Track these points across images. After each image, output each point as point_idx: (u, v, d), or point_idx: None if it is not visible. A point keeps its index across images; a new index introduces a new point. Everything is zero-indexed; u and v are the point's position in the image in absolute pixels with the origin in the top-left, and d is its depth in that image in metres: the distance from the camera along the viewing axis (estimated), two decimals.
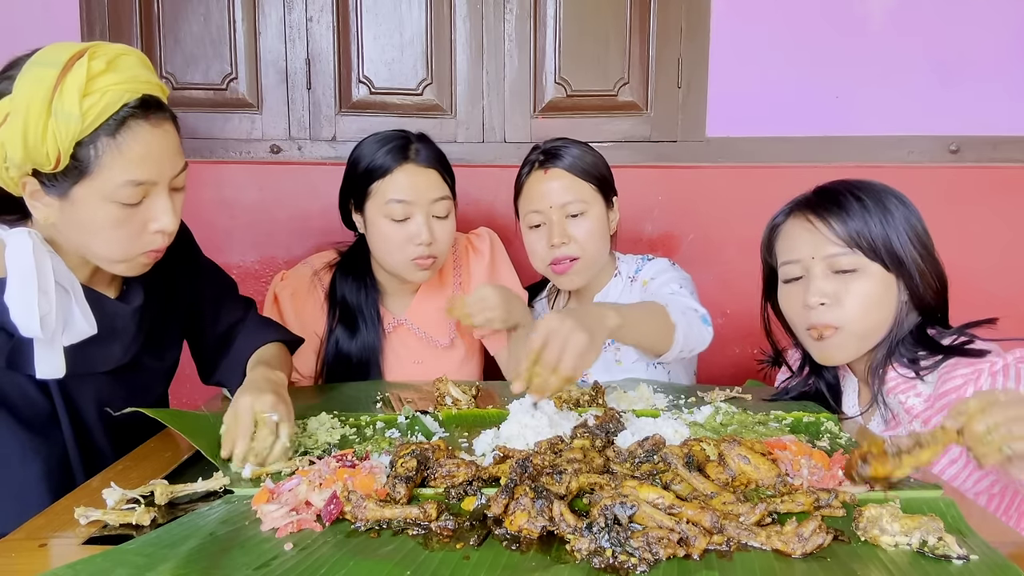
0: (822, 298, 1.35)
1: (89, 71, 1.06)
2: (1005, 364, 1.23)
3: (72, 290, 1.17)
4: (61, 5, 2.17)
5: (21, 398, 1.19)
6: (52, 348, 1.15)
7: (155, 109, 1.14)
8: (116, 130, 1.10)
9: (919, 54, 2.21)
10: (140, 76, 1.13)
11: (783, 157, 2.25)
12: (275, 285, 1.80)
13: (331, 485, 0.98)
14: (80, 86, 1.05)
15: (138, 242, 1.17)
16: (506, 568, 0.83)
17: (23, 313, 1.10)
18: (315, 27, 2.25)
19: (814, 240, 1.37)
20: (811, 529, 0.86)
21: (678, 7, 2.23)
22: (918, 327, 1.37)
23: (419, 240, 1.65)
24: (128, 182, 1.12)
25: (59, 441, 1.23)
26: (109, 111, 1.08)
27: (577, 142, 1.77)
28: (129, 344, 1.30)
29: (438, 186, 1.68)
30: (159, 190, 1.16)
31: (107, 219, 1.13)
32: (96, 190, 1.11)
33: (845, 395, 1.50)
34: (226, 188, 2.23)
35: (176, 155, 1.19)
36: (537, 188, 1.73)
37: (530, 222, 1.75)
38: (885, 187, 1.39)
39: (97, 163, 1.10)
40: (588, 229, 1.71)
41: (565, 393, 1.45)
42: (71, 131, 1.06)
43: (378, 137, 1.71)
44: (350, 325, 1.75)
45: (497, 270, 1.88)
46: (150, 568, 0.81)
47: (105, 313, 1.23)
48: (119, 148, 1.10)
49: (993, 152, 2.22)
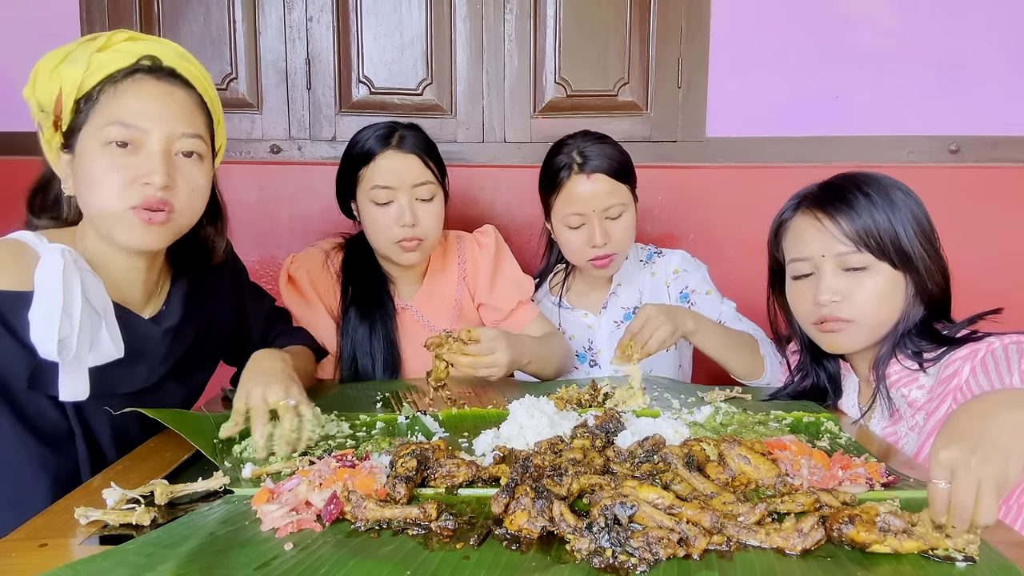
0: (834, 295, 1.36)
1: (111, 38, 1.19)
2: (1003, 345, 1.23)
3: (103, 312, 1.17)
4: (61, 5, 2.18)
5: (39, 415, 1.17)
6: (77, 369, 1.14)
7: (168, 75, 1.21)
8: (120, 81, 1.17)
9: (919, 54, 2.21)
10: (167, 51, 1.21)
11: (783, 157, 2.25)
12: (287, 267, 1.81)
13: (331, 485, 0.98)
14: (99, 44, 1.18)
15: (129, 193, 1.17)
16: (506, 568, 0.82)
17: (43, 334, 1.10)
18: (315, 27, 2.25)
19: (823, 239, 1.37)
20: (810, 524, 0.86)
21: (678, 7, 2.23)
22: (923, 320, 1.37)
23: (402, 222, 1.69)
24: (116, 122, 1.16)
25: (72, 459, 1.21)
26: (117, 64, 1.17)
27: (604, 138, 1.83)
28: (156, 366, 1.30)
29: (420, 171, 1.72)
30: (154, 143, 1.18)
31: (101, 165, 1.17)
32: (92, 136, 1.17)
33: (846, 394, 1.50)
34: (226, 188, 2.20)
35: (180, 117, 1.21)
36: (578, 191, 1.78)
37: (570, 223, 1.81)
38: (891, 180, 1.39)
39: (96, 107, 1.17)
40: (625, 227, 1.81)
41: (566, 393, 1.46)
42: (73, 76, 1.16)
43: (369, 128, 1.76)
44: (362, 306, 1.78)
45: (501, 262, 1.90)
46: (150, 568, 0.81)
47: (135, 334, 1.23)
48: (116, 93, 1.17)
49: (993, 152, 2.22)
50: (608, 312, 1.94)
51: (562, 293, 1.98)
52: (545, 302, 1.99)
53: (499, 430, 1.24)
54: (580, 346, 1.95)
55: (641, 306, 1.54)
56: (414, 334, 1.81)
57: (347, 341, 1.76)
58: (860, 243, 1.34)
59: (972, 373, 1.24)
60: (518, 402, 1.32)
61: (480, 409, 1.44)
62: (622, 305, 1.94)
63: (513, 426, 1.24)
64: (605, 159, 1.76)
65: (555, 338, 1.85)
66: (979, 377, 1.23)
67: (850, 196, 1.36)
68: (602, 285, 1.96)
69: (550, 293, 2.00)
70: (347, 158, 1.77)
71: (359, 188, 1.74)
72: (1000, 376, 1.18)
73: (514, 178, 2.25)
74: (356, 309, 1.77)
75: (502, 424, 1.26)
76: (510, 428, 1.24)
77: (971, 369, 1.25)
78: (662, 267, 1.95)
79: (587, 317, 1.95)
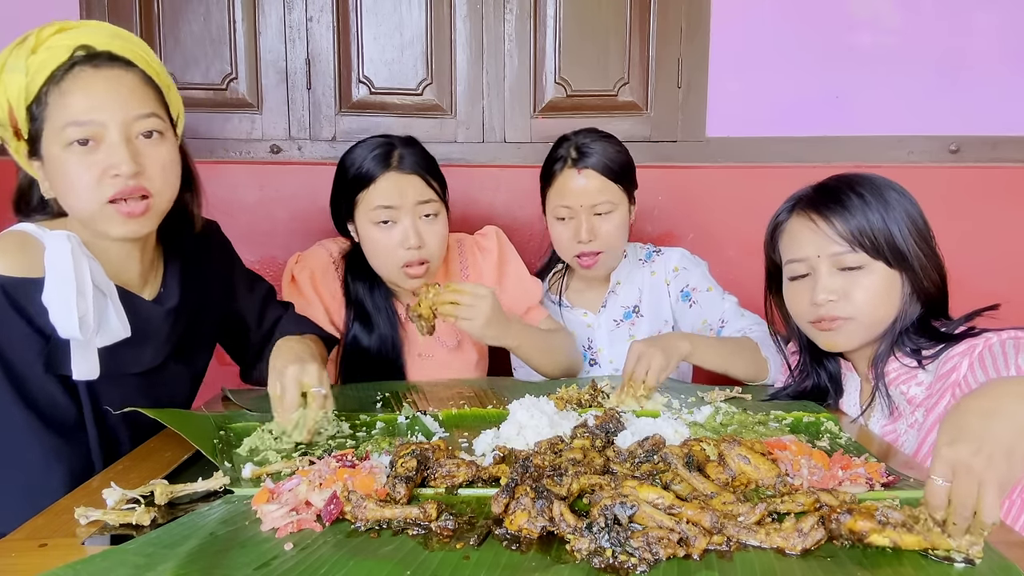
0: (830, 295, 1.36)
1: (39, 35, 1.16)
2: (1000, 341, 1.24)
3: (108, 292, 1.19)
4: (61, 5, 2.17)
5: (49, 402, 1.19)
6: (88, 349, 1.16)
7: (106, 60, 1.18)
8: (62, 78, 1.15)
9: (919, 54, 2.21)
10: (98, 35, 1.19)
11: (783, 157, 2.25)
12: (291, 267, 1.78)
13: (331, 485, 0.98)
14: (31, 46, 1.15)
15: (101, 189, 1.17)
16: (506, 568, 0.82)
17: (63, 315, 1.12)
18: (315, 27, 2.25)
19: (818, 239, 1.38)
20: (810, 524, 0.86)
21: (678, 7, 2.23)
22: (920, 317, 1.38)
23: (408, 244, 1.64)
24: (70, 123, 1.15)
25: (84, 445, 1.22)
26: (54, 62, 1.14)
27: (607, 136, 1.82)
28: (160, 346, 1.31)
29: (422, 190, 1.66)
30: (111, 134, 1.17)
31: (69, 169, 1.16)
32: (52, 141, 1.16)
33: (847, 393, 1.51)
34: (226, 188, 2.23)
35: (131, 99, 1.19)
36: (568, 185, 1.78)
37: (558, 215, 1.82)
38: (885, 180, 1.40)
39: (47, 112, 1.15)
40: (613, 226, 1.80)
41: (566, 393, 1.46)
42: (16, 83, 1.14)
43: (363, 145, 1.69)
44: (366, 322, 1.76)
45: (506, 266, 1.88)
46: (150, 568, 0.81)
47: (139, 316, 1.24)
48: (61, 93, 1.15)
49: (993, 152, 2.22)
50: (607, 311, 1.95)
51: (561, 291, 1.98)
52: (545, 300, 1.99)
53: (499, 430, 1.24)
54: (580, 345, 1.94)
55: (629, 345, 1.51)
56: (417, 346, 1.79)
57: (349, 351, 1.75)
58: (855, 243, 1.35)
59: (970, 368, 1.25)
60: (518, 402, 1.32)
61: (480, 409, 1.44)
62: (621, 304, 1.94)
63: (513, 426, 1.24)
64: (599, 156, 1.76)
65: (558, 334, 1.84)
66: (977, 372, 1.23)
67: (844, 197, 1.37)
68: (599, 284, 1.96)
69: (550, 291, 2.01)
70: (343, 180, 1.70)
71: (358, 210, 1.68)
72: (998, 371, 1.19)
73: (514, 178, 2.25)
74: (359, 319, 1.75)
75: (502, 424, 1.26)
76: (510, 428, 1.24)
77: (969, 364, 1.25)
78: (661, 265, 1.95)
79: (586, 316, 1.96)
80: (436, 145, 2.04)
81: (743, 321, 1.80)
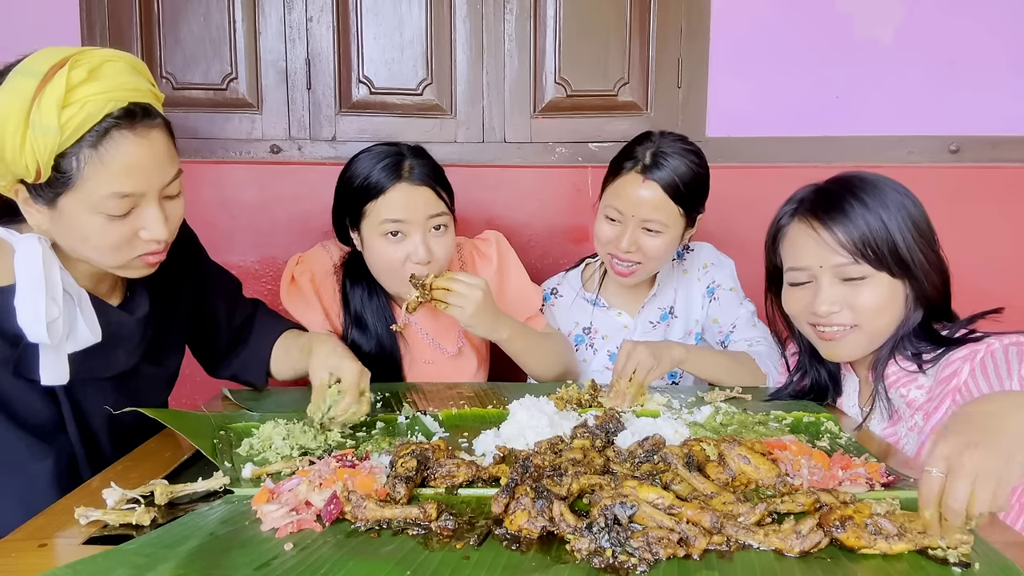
0: (832, 306, 1.35)
1: (69, 81, 1.04)
2: (1003, 347, 1.23)
3: (78, 298, 1.17)
4: (61, 5, 2.17)
5: (25, 405, 1.18)
6: (57, 355, 1.15)
7: (142, 117, 1.12)
8: (98, 142, 1.07)
9: (919, 54, 2.21)
10: (126, 83, 1.10)
11: (783, 157, 2.25)
12: (291, 267, 1.77)
13: (331, 485, 0.98)
14: (59, 98, 1.03)
15: (129, 250, 1.17)
16: (506, 568, 0.83)
17: (31, 318, 1.10)
18: (315, 27, 2.25)
19: (819, 250, 1.36)
20: (809, 526, 0.86)
21: (678, 7, 2.23)
22: (922, 321, 1.37)
23: (417, 259, 1.60)
24: (112, 195, 1.10)
25: (67, 446, 1.22)
26: (90, 122, 1.06)
27: (690, 151, 1.72)
28: (132, 351, 1.31)
29: (433, 203, 1.62)
30: (148, 200, 1.15)
31: (95, 229, 1.12)
32: (81, 201, 1.10)
33: (846, 394, 1.50)
34: (226, 188, 2.23)
35: (166, 164, 1.16)
36: (627, 190, 1.70)
37: (608, 214, 1.74)
38: (887, 182, 1.38)
39: (80, 175, 1.08)
40: (658, 246, 1.72)
41: (566, 393, 1.46)
42: (49, 144, 1.04)
43: (371, 154, 1.65)
44: (364, 329, 1.73)
45: (506, 274, 1.85)
46: (150, 568, 0.81)
47: (109, 321, 1.24)
48: (101, 160, 1.08)
49: (993, 152, 2.22)
50: (645, 312, 1.88)
51: (598, 287, 1.90)
52: (575, 297, 1.92)
53: (499, 430, 1.24)
54: (614, 346, 1.86)
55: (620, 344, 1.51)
56: (418, 352, 1.79)
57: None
58: (857, 254, 1.33)
59: (971, 374, 1.24)
60: (518, 402, 1.32)
61: (480, 409, 1.44)
62: (659, 306, 1.89)
63: (513, 426, 1.24)
64: (670, 172, 1.67)
65: (552, 337, 1.82)
66: (978, 378, 1.22)
67: (845, 204, 1.35)
68: (644, 284, 1.88)
69: (583, 288, 1.93)
70: (350, 189, 1.64)
71: (365, 222, 1.63)
72: (1000, 379, 1.18)
73: (514, 178, 2.25)
74: (356, 325, 1.73)
75: (502, 424, 1.26)
76: (510, 428, 1.24)
77: (970, 370, 1.25)
78: (692, 263, 1.91)
79: (622, 316, 1.89)
80: (436, 145, 2.04)
81: (752, 332, 1.77)
